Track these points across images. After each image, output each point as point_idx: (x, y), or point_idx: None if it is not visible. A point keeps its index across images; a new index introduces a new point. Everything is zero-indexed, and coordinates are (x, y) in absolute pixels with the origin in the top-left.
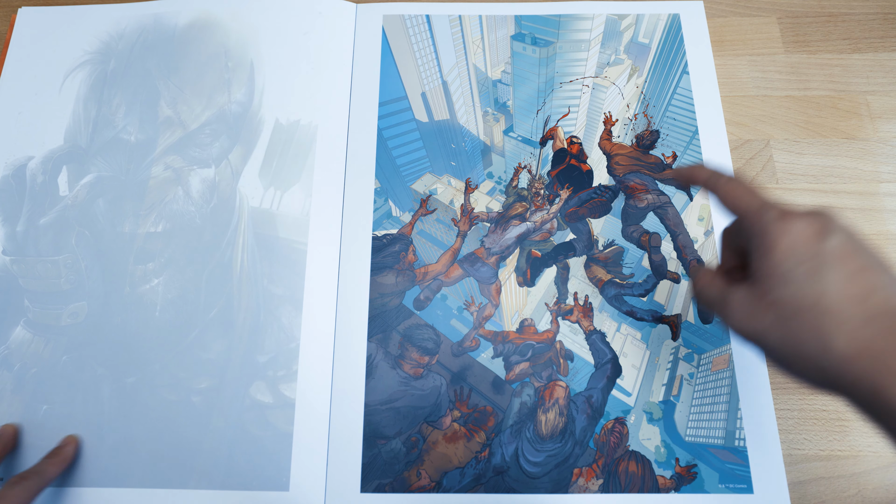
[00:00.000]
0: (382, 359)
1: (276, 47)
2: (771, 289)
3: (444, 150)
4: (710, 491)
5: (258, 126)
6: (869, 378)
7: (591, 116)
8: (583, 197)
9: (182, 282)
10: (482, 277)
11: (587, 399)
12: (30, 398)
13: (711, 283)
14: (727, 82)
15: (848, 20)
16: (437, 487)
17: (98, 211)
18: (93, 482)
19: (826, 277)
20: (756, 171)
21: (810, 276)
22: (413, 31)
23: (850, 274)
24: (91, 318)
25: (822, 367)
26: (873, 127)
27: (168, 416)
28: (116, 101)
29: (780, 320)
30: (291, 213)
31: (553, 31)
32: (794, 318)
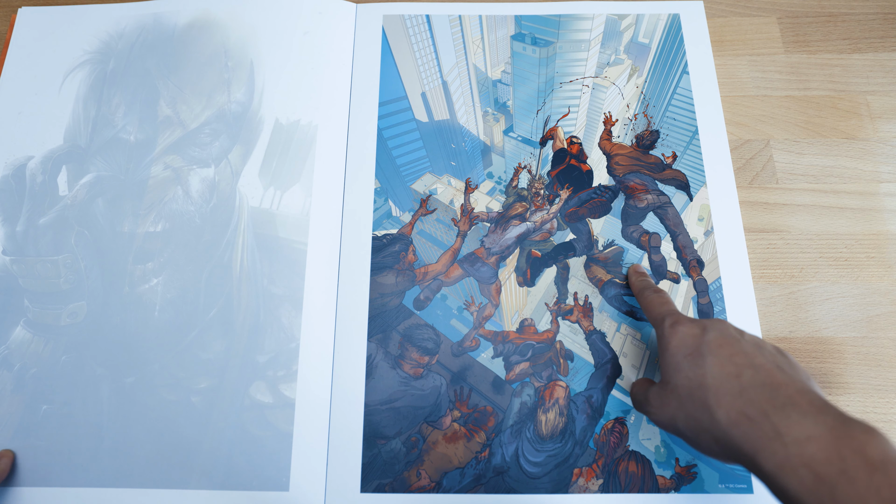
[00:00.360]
0: (382, 359)
1: (276, 47)
2: (670, 379)
3: (444, 150)
4: (710, 491)
5: (258, 126)
6: (748, 442)
7: (591, 116)
8: (583, 197)
9: (181, 281)
10: (482, 277)
11: (587, 399)
12: (30, 398)
13: (638, 387)
14: (727, 82)
15: (848, 20)
16: (437, 487)
17: (97, 210)
18: (92, 482)
19: (706, 362)
20: (756, 171)
21: (694, 363)
22: (413, 31)
23: (724, 357)
24: (90, 317)
25: (715, 436)
26: (873, 127)
27: (168, 416)
28: (116, 100)
29: (679, 403)
30: (291, 213)
31: (553, 31)
32: (688, 398)
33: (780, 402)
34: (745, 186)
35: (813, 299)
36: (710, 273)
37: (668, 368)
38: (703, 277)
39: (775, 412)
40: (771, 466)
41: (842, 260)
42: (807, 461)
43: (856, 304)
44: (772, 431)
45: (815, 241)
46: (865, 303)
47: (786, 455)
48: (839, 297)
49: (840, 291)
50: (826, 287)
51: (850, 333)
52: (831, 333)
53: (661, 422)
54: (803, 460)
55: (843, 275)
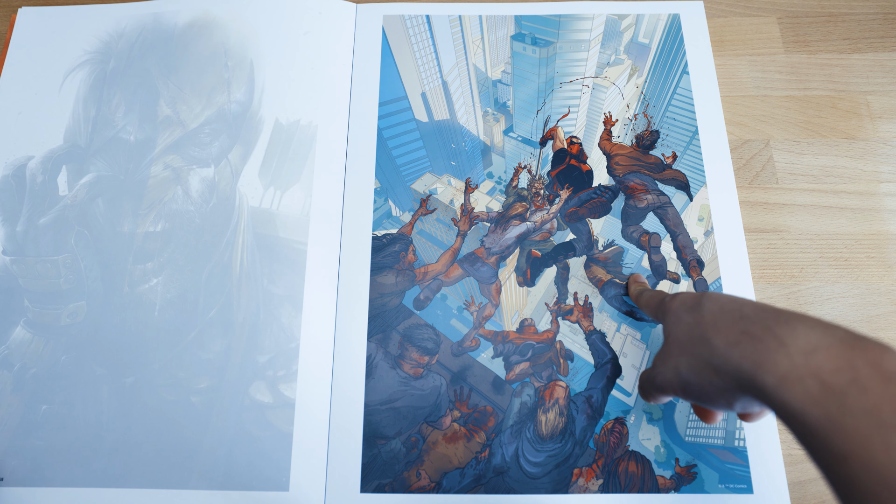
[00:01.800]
0: (382, 359)
1: (276, 47)
2: (671, 333)
3: (444, 150)
4: (709, 491)
5: (258, 126)
6: (748, 359)
7: (591, 116)
8: (583, 197)
9: (181, 281)
10: (482, 277)
11: (587, 399)
12: (29, 398)
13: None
14: (727, 82)
15: (848, 20)
16: (437, 488)
17: (97, 210)
18: (92, 482)
19: (704, 307)
20: (756, 171)
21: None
22: (413, 31)
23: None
24: (90, 317)
25: (714, 366)
26: (873, 127)
27: (167, 416)
28: (116, 100)
29: (680, 349)
30: (291, 212)
31: (553, 31)
32: (688, 340)
33: (785, 317)
34: (745, 186)
35: (813, 299)
36: (710, 273)
37: (669, 325)
38: (703, 277)
39: (779, 326)
40: (773, 380)
41: (842, 260)
42: (814, 371)
43: (856, 305)
44: (775, 343)
45: (815, 241)
46: (865, 303)
47: (790, 365)
48: (839, 298)
49: (840, 291)
50: (826, 287)
51: None
52: None
53: (667, 378)
54: (810, 370)
55: (843, 275)
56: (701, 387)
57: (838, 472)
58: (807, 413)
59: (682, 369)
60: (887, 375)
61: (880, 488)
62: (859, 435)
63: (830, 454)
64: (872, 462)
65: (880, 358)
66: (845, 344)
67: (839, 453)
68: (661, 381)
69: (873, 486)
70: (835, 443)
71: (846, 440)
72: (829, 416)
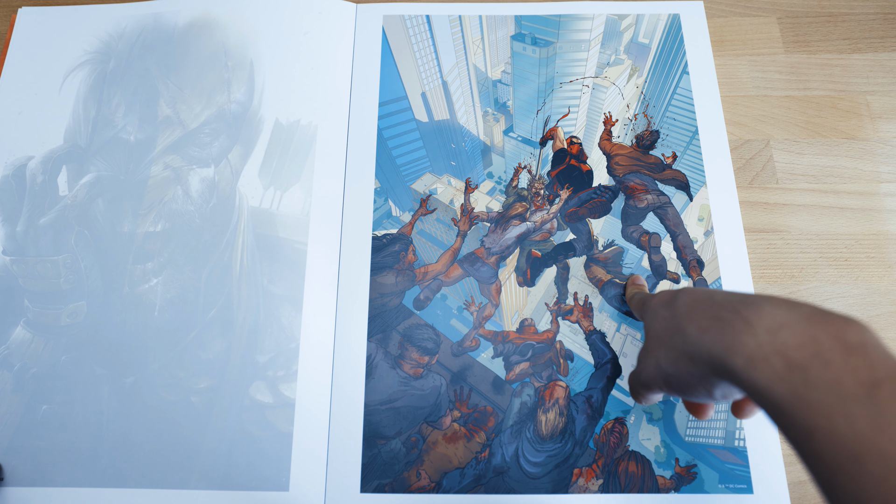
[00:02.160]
0: (382, 359)
1: (276, 47)
2: (650, 328)
3: (444, 150)
4: (709, 491)
5: (258, 126)
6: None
7: (591, 116)
8: (583, 197)
9: (181, 281)
10: (482, 277)
11: (587, 399)
12: (29, 398)
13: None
14: (727, 82)
15: (848, 20)
16: (437, 488)
17: (97, 210)
18: (92, 482)
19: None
20: (756, 171)
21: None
22: (413, 32)
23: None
24: (90, 317)
25: (689, 354)
26: (873, 127)
27: (167, 416)
28: (116, 100)
29: (659, 342)
30: (291, 212)
31: (553, 31)
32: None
33: (752, 299)
34: (745, 186)
35: (813, 299)
36: (710, 273)
37: (648, 321)
38: (703, 277)
39: (746, 307)
40: (741, 361)
41: (842, 260)
42: (779, 348)
43: (856, 305)
44: (742, 324)
45: (815, 241)
46: (865, 303)
47: (757, 345)
48: (839, 298)
49: (840, 291)
50: (826, 287)
51: None
52: None
53: (650, 373)
54: (775, 347)
55: (843, 275)
56: (680, 377)
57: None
58: (774, 390)
59: (661, 362)
60: (849, 347)
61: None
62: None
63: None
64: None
65: (843, 331)
66: (809, 320)
67: (805, 428)
68: (645, 378)
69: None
70: (800, 418)
71: (811, 414)
72: (795, 392)
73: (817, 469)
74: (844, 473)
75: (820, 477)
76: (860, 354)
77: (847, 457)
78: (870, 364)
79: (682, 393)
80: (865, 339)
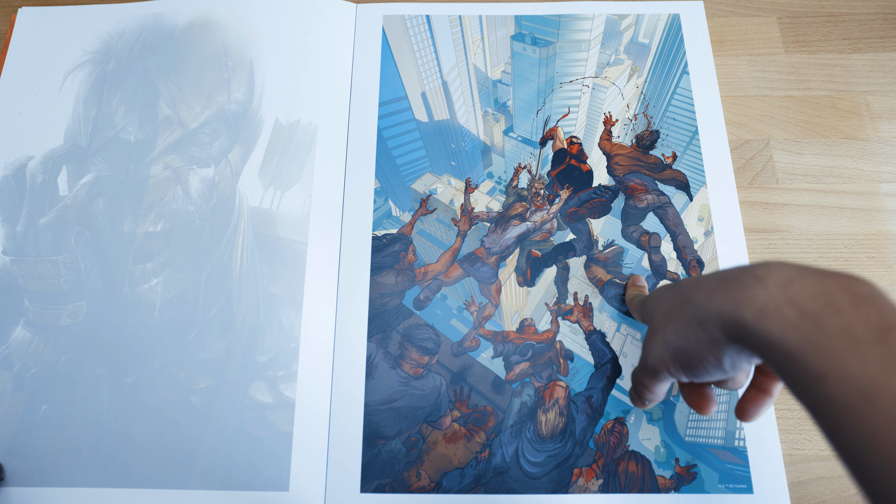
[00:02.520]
0: (382, 359)
1: (276, 47)
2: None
3: (444, 150)
4: (709, 491)
5: (258, 126)
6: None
7: (591, 116)
8: (583, 197)
9: (181, 281)
10: (482, 277)
11: (587, 399)
12: (30, 398)
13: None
14: (727, 82)
15: (848, 20)
16: (437, 488)
17: (97, 210)
18: (92, 482)
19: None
20: (756, 171)
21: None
22: (413, 31)
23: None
24: (90, 317)
25: (698, 319)
26: (873, 127)
27: (167, 416)
28: (116, 100)
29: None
30: (291, 212)
31: (553, 32)
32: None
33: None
34: (745, 186)
35: None
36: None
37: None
38: None
39: (756, 267)
40: (752, 314)
41: (842, 260)
42: (791, 298)
43: None
44: (752, 280)
45: (815, 241)
46: None
47: (768, 296)
48: None
49: None
50: None
51: None
52: None
53: (657, 354)
54: (787, 298)
55: None
56: (689, 348)
57: (816, 392)
58: (786, 339)
59: (669, 337)
60: (859, 297)
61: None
62: (835, 352)
63: (808, 375)
64: (848, 375)
65: (851, 284)
66: (819, 274)
67: (817, 373)
68: (652, 361)
69: (849, 400)
70: (812, 363)
71: (823, 359)
72: (807, 339)
73: (826, 413)
74: (855, 414)
75: (828, 421)
76: (870, 304)
77: (859, 397)
78: (880, 312)
79: (689, 368)
80: (874, 291)
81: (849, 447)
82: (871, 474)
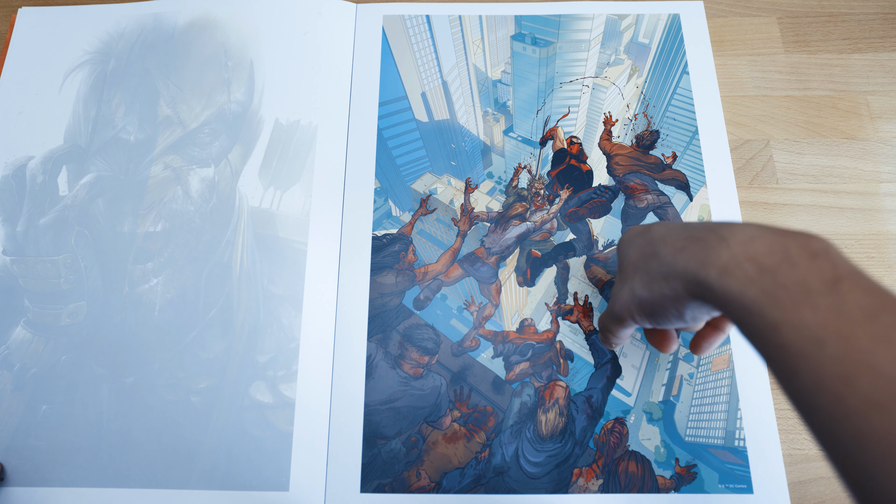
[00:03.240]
0: (382, 359)
1: (276, 47)
2: (624, 257)
3: (444, 150)
4: (709, 491)
5: (258, 126)
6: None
7: (591, 116)
8: (583, 197)
9: (181, 281)
10: (482, 277)
11: (587, 399)
12: (30, 398)
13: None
14: (727, 82)
15: (848, 20)
16: (437, 488)
17: (97, 211)
18: (92, 482)
19: (652, 228)
20: (756, 171)
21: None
22: (413, 31)
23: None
24: (90, 317)
25: (664, 274)
26: (873, 127)
27: (167, 416)
28: (116, 100)
29: (633, 268)
30: (291, 212)
31: (553, 31)
32: (640, 258)
33: (726, 222)
34: (745, 186)
35: None
36: None
37: (622, 251)
38: None
39: (721, 227)
40: (715, 272)
41: None
42: (751, 255)
43: None
44: (717, 240)
45: None
46: None
47: (730, 255)
48: None
49: None
50: None
51: None
52: None
53: (623, 301)
54: (748, 255)
55: None
56: (653, 300)
57: (771, 339)
58: (745, 293)
59: (635, 287)
60: (813, 252)
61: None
62: (790, 303)
63: (765, 325)
64: (801, 322)
65: (807, 241)
66: (779, 232)
67: (773, 322)
68: (618, 309)
69: (802, 345)
70: (769, 314)
71: (779, 309)
72: (765, 291)
73: (780, 360)
74: (807, 358)
75: (782, 367)
76: (824, 258)
77: (811, 343)
78: (832, 264)
79: (653, 317)
80: (827, 246)
81: (800, 390)
82: (819, 415)
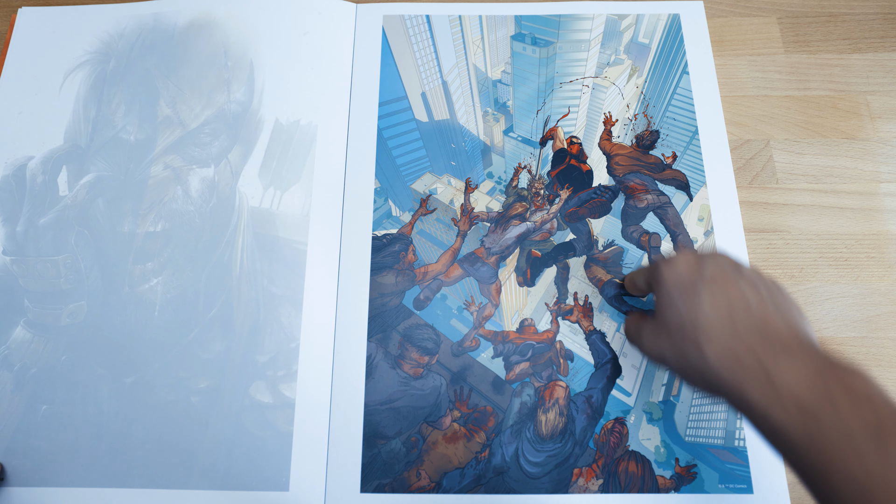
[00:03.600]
0: (382, 359)
1: (275, 47)
2: (664, 315)
3: (444, 150)
4: (709, 491)
5: (258, 126)
6: (736, 381)
7: (591, 116)
8: (583, 197)
9: (181, 281)
10: (482, 277)
11: (587, 399)
12: (30, 398)
13: (632, 321)
14: (727, 82)
15: (848, 20)
16: (437, 488)
17: (97, 210)
18: (92, 482)
19: (700, 300)
20: (756, 171)
21: (688, 299)
22: (413, 32)
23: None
24: (90, 317)
25: (703, 374)
26: (873, 127)
27: (167, 416)
28: (116, 100)
29: (671, 339)
30: (291, 212)
31: (553, 31)
32: (679, 333)
33: (772, 344)
34: (745, 186)
35: (813, 299)
36: None
37: (662, 302)
38: None
39: (767, 356)
40: (758, 401)
41: (842, 260)
42: (794, 395)
43: (856, 305)
44: (762, 373)
45: (815, 241)
46: (865, 303)
47: (774, 393)
48: (839, 297)
49: (840, 291)
50: (826, 287)
51: (850, 333)
52: (831, 333)
53: (652, 354)
54: (791, 395)
55: (843, 275)
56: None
57: (819, 483)
58: (789, 432)
59: (668, 357)
60: (855, 394)
61: (857, 494)
62: (835, 451)
63: (810, 468)
64: (849, 473)
65: (850, 380)
66: (820, 372)
67: (819, 468)
68: (646, 353)
69: (851, 494)
70: (815, 458)
71: (825, 454)
72: (808, 433)
73: (828, 500)
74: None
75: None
76: (866, 401)
77: (859, 492)
78: (873, 409)
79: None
80: (867, 384)
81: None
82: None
